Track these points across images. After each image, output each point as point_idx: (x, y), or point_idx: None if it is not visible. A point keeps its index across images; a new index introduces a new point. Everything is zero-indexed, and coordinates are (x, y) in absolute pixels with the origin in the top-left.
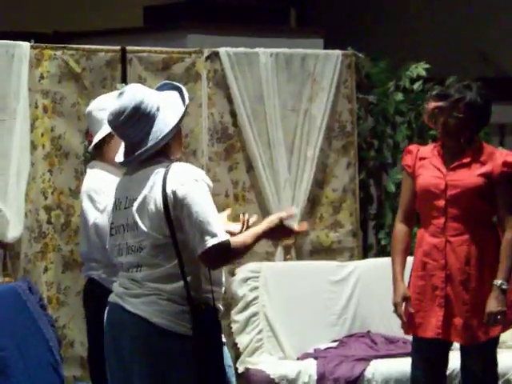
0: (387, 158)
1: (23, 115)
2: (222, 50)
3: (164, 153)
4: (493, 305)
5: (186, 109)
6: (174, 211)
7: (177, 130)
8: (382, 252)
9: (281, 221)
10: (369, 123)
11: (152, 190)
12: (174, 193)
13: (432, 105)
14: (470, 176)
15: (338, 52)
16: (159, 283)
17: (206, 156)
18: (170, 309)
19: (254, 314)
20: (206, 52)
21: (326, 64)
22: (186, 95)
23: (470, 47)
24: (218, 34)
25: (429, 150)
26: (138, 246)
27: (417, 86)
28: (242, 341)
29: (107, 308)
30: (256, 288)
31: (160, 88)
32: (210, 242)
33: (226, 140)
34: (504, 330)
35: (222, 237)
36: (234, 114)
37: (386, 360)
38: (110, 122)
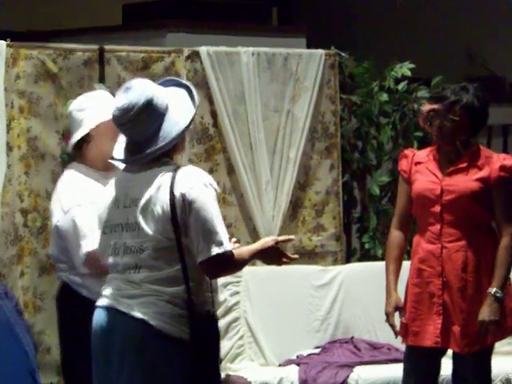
0: (371, 160)
1: None
2: (202, 49)
3: (169, 153)
4: (485, 313)
5: (197, 109)
6: (181, 215)
7: None
8: (366, 256)
9: (276, 243)
10: (352, 124)
11: (158, 192)
12: (183, 196)
13: (427, 107)
14: (466, 181)
15: (321, 51)
16: (159, 285)
17: (186, 157)
18: (169, 311)
19: (235, 320)
20: (186, 51)
21: (309, 63)
22: (196, 94)
23: (457, 46)
24: (198, 33)
25: (425, 155)
26: (138, 248)
27: (401, 86)
28: (222, 347)
29: (95, 312)
30: (237, 293)
31: (164, 83)
32: (215, 250)
33: (206, 141)
34: (501, 338)
35: (227, 247)
36: (214, 115)
37: (370, 366)
38: (117, 118)
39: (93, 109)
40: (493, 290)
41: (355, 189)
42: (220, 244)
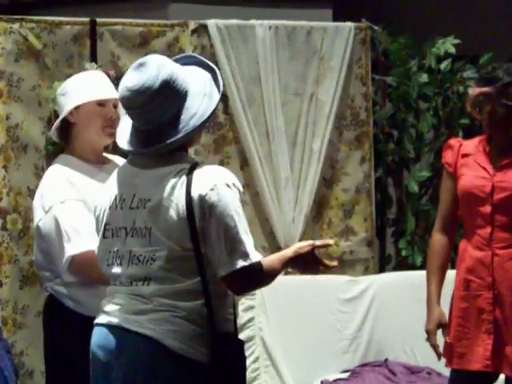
0: (409, 152)
1: None
2: (210, 22)
3: (184, 145)
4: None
5: (222, 95)
6: (200, 221)
7: None
8: (403, 264)
9: (313, 249)
10: (387, 110)
11: (173, 193)
12: (202, 199)
13: (477, 91)
14: None
15: (349, 24)
16: (174, 300)
17: (192, 148)
18: (185, 329)
19: (250, 339)
20: (192, 24)
21: (336, 39)
22: (220, 78)
23: (508, 20)
24: (205, 3)
25: (473, 146)
26: (148, 257)
27: (444, 65)
28: None
29: (95, 331)
30: (251, 308)
31: (181, 60)
32: (240, 263)
33: (215, 130)
34: None
35: (254, 258)
36: (225, 99)
37: None
38: (127, 100)
39: (73, 91)
40: None
41: (390, 186)
42: (245, 255)
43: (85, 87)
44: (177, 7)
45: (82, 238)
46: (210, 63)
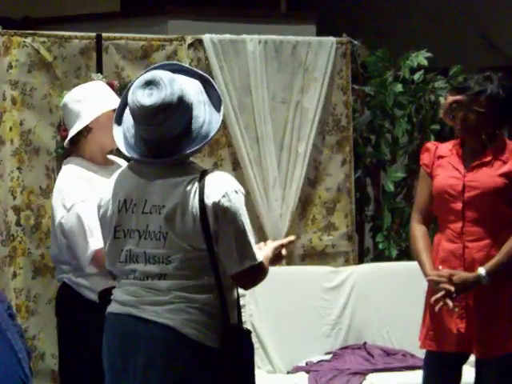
0: (385, 155)
1: None
2: (205, 37)
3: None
4: (461, 283)
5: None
6: (214, 225)
7: None
8: (380, 257)
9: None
10: (366, 117)
11: (186, 200)
12: (216, 205)
13: (450, 99)
14: (490, 176)
15: (331, 39)
16: (189, 293)
17: None
18: (200, 319)
19: None
20: (189, 39)
21: (319, 52)
22: (217, 88)
23: (475, 34)
24: (201, 20)
25: (447, 149)
26: (164, 258)
27: (417, 76)
28: None
29: (109, 319)
30: (243, 296)
31: (166, 66)
32: (248, 263)
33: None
34: None
35: (259, 258)
36: None
37: (384, 374)
38: (149, 118)
39: (91, 99)
40: (482, 271)
41: (368, 185)
42: (253, 256)
43: (103, 96)
44: (175, 24)
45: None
46: (199, 71)
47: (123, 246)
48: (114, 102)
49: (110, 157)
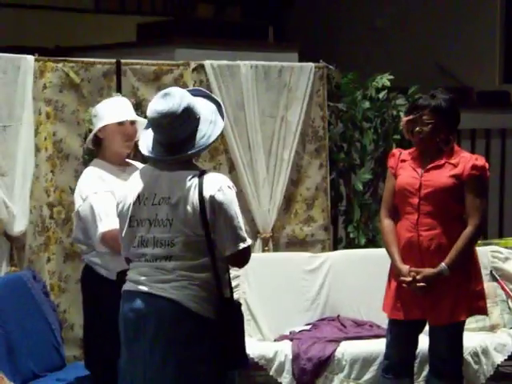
0: (355, 160)
1: (28, 121)
2: (206, 63)
3: (194, 156)
4: (425, 279)
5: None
6: (210, 214)
7: None
8: (351, 244)
9: None
10: (339, 128)
11: (188, 193)
12: (213, 198)
13: (405, 119)
14: (442, 177)
15: (311, 64)
16: (191, 272)
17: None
18: (199, 294)
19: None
20: (193, 64)
21: (301, 75)
22: (224, 110)
23: (430, 60)
24: (203, 48)
25: (409, 154)
26: (169, 241)
27: (382, 95)
28: None
29: (124, 295)
30: (237, 276)
31: (193, 92)
32: (241, 245)
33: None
34: (469, 315)
35: (249, 241)
36: None
37: (355, 341)
38: (157, 121)
39: (100, 114)
40: (443, 266)
41: (341, 185)
42: (244, 239)
43: (108, 112)
44: (181, 51)
45: (109, 219)
46: (215, 97)
47: (136, 233)
48: (118, 116)
49: (129, 160)
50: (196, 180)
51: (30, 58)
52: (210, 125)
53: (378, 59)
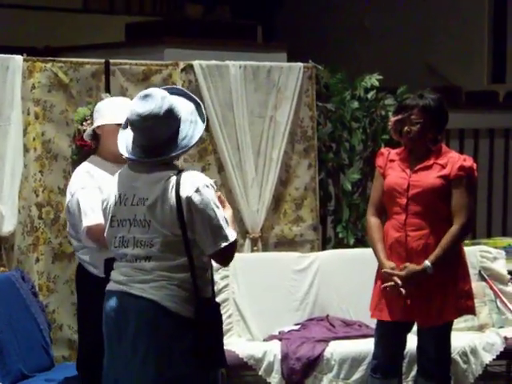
0: (344, 160)
1: (17, 121)
2: (195, 63)
3: (173, 158)
4: (408, 277)
5: (206, 119)
6: (187, 214)
7: None
8: (339, 244)
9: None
10: (328, 128)
11: (165, 194)
12: (189, 198)
13: (393, 119)
14: (430, 177)
15: (299, 64)
16: (169, 272)
17: (181, 158)
18: (178, 294)
19: (225, 300)
20: (182, 65)
21: (290, 75)
22: (204, 110)
23: (419, 60)
24: (192, 49)
25: (397, 154)
26: (148, 242)
27: (370, 95)
28: None
29: (107, 296)
30: (226, 276)
31: (169, 90)
32: (223, 244)
33: (199, 144)
34: (457, 315)
35: (231, 238)
36: (206, 121)
37: (343, 341)
38: (138, 123)
39: (102, 112)
40: (427, 264)
41: (330, 185)
42: (225, 237)
43: (110, 111)
44: (170, 52)
45: (95, 214)
46: (194, 96)
47: (117, 233)
48: (118, 118)
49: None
50: (173, 181)
51: (19, 58)
52: (191, 124)
53: (366, 59)
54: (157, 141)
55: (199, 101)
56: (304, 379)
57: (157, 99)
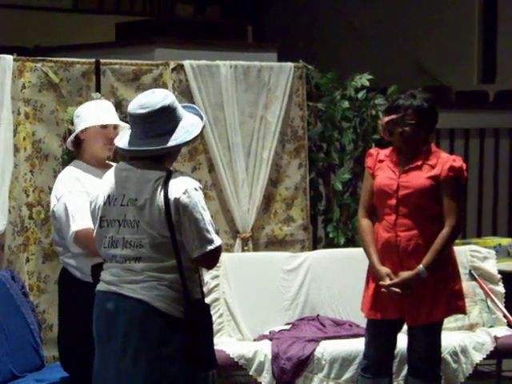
0: (335, 160)
1: (7, 121)
2: (186, 63)
3: (164, 159)
4: (403, 283)
5: (203, 129)
6: (176, 216)
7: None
8: (330, 244)
9: None
10: (318, 128)
11: (154, 195)
12: (177, 200)
13: (385, 119)
14: (419, 178)
15: (290, 64)
16: (159, 273)
17: None
18: (168, 294)
19: (215, 300)
20: (172, 64)
21: (280, 75)
22: (203, 123)
23: (409, 60)
24: (182, 48)
25: (387, 154)
26: (137, 243)
27: (361, 94)
28: None
29: (97, 296)
30: (217, 276)
31: (185, 107)
32: (208, 247)
33: (189, 143)
34: (447, 314)
35: (217, 242)
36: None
37: (334, 341)
38: (139, 113)
39: (84, 116)
40: (421, 268)
41: (321, 185)
42: (211, 241)
43: (92, 114)
44: (161, 51)
45: (83, 219)
46: (202, 113)
47: (106, 234)
48: (102, 119)
49: (109, 162)
50: (162, 182)
51: (9, 57)
52: (191, 127)
53: (356, 59)
54: (151, 134)
55: (203, 114)
56: (295, 379)
57: (160, 94)
